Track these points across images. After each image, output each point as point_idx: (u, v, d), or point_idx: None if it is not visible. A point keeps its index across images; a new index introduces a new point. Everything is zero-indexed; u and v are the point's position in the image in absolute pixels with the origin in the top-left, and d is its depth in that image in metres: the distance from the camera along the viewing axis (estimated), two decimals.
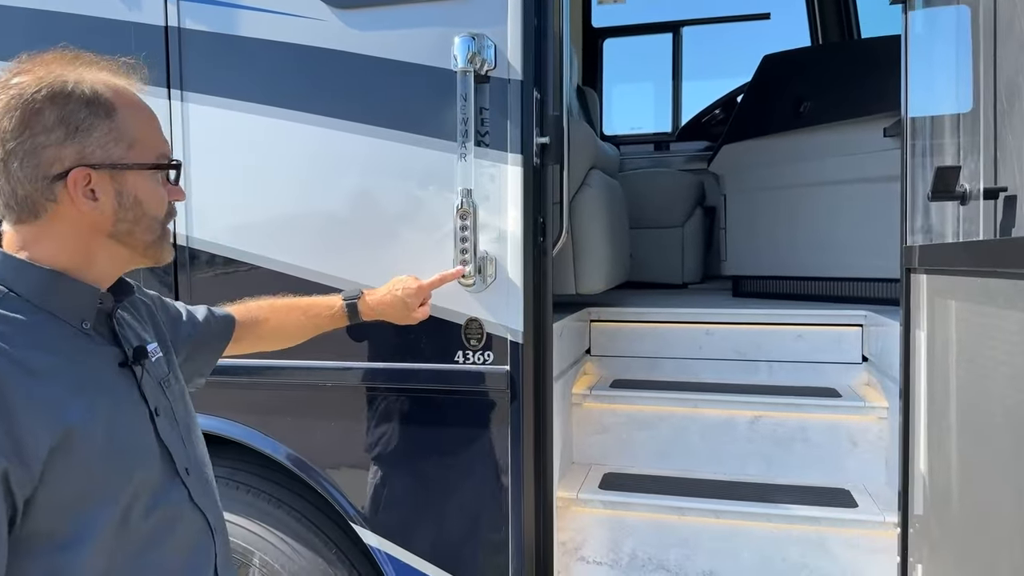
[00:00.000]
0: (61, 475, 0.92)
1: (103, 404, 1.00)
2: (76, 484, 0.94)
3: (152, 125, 1.10)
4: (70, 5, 2.06)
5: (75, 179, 1.00)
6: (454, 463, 1.94)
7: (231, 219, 2.01)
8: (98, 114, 1.01)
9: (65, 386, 0.96)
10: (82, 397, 0.97)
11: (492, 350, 1.87)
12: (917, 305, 1.69)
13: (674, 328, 2.73)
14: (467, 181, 1.78)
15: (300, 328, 1.70)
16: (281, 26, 1.93)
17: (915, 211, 1.71)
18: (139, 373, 1.09)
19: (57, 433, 0.91)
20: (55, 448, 0.91)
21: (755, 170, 3.33)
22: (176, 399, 1.18)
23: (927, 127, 1.69)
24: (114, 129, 1.02)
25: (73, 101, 1.00)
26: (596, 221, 2.72)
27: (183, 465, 1.12)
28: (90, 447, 0.95)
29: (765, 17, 4.83)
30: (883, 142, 2.74)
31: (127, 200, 1.05)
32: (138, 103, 1.09)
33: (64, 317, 1.02)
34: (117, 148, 1.03)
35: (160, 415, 1.10)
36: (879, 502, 2.09)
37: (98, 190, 1.02)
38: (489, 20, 1.79)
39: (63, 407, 0.94)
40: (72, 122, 0.99)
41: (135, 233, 1.07)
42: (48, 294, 1.01)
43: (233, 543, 2.02)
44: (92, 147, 1.01)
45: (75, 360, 1.01)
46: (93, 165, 1.01)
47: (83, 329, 1.04)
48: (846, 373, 2.58)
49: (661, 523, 2.12)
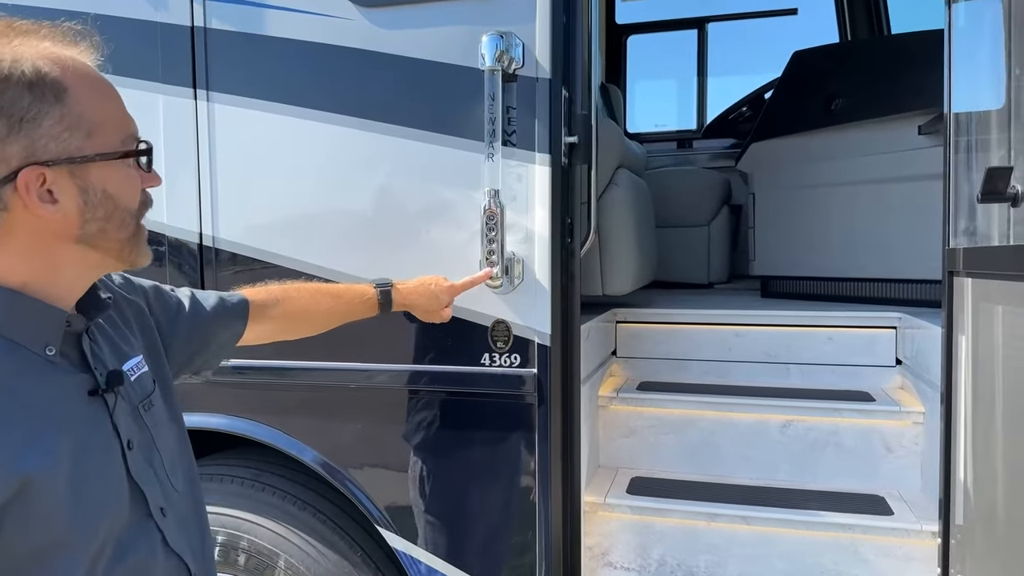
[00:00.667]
0: (16, 532, 0.80)
1: (66, 447, 0.86)
2: (34, 541, 0.82)
3: (113, 101, 0.93)
4: (95, 5, 2.05)
5: (26, 181, 0.83)
6: (480, 466, 1.92)
7: (257, 219, 2.00)
8: (45, 98, 0.83)
9: (21, 431, 0.82)
10: (41, 442, 0.83)
11: (519, 352, 1.84)
12: (960, 309, 1.64)
13: (702, 329, 2.69)
14: (494, 181, 1.75)
15: (329, 313, 1.58)
16: (307, 25, 1.91)
17: (958, 212, 1.65)
18: (112, 402, 0.95)
19: (11, 485, 0.79)
20: (9, 502, 0.79)
21: (785, 168, 3.27)
22: (157, 422, 1.05)
23: (971, 124, 1.64)
24: (67, 115, 0.85)
25: (12, 85, 0.82)
26: (624, 221, 2.68)
27: (158, 505, 0.99)
28: (49, 499, 0.82)
29: (792, 12, 4.75)
30: (918, 140, 2.68)
31: (95, 196, 0.88)
32: (93, 77, 0.90)
33: (25, 343, 0.87)
34: (74, 138, 0.86)
35: (133, 448, 0.96)
36: (915, 510, 2.03)
37: (56, 190, 0.85)
38: (517, 18, 1.76)
39: (18, 456, 0.80)
40: (15, 112, 0.82)
41: (108, 232, 0.91)
42: (3, 318, 0.86)
43: (258, 545, 2.03)
44: (43, 140, 0.84)
45: (34, 397, 0.86)
46: (47, 162, 0.84)
47: (47, 356, 0.88)
48: (880, 376, 2.52)
49: (690, 529, 2.08)
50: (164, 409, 1.09)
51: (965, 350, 1.63)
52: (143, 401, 1.03)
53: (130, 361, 1.04)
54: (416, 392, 1.93)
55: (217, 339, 1.34)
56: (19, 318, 0.87)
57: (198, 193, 2.01)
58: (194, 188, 2.01)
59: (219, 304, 1.34)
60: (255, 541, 2.03)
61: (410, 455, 1.94)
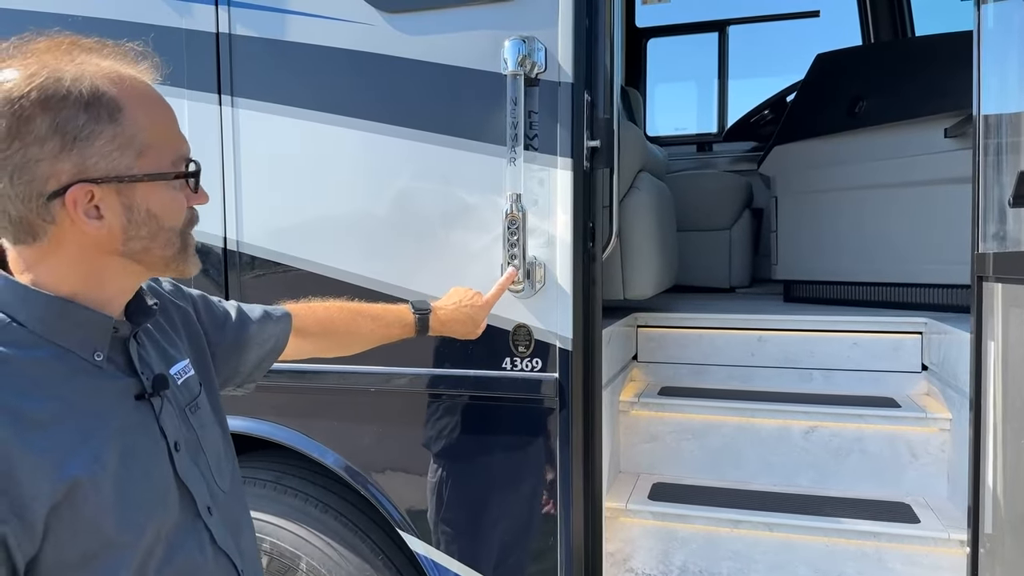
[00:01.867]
0: (66, 534, 0.82)
1: (113, 451, 0.88)
2: (83, 543, 0.84)
3: (167, 123, 0.95)
4: (122, 12, 2.08)
5: (74, 197, 0.85)
6: (501, 471, 1.91)
7: (281, 223, 2.01)
8: (100, 118, 0.86)
9: (69, 435, 0.84)
10: (88, 445, 0.85)
11: (540, 357, 1.84)
12: (989, 314, 1.61)
13: (724, 334, 2.66)
14: (516, 185, 1.75)
15: (368, 335, 1.60)
16: (330, 31, 1.92)
17: (988, 216, 1.63)
18: (158, 406, 0.97)
19: (60, 489, 0.81)
20: (58, 505, 0.81)
21: (808, 172, 3.24)
22: (204, 424, 1.07)
23: (1001, 126, 1.61)
24: (120, 135, 0.87)
25: (69, 104, 0.84)
26: (645, 225, 2.67)
27: (205, 504, 1.01)
28: (97, 501, 0.84)
29: (815, 15, 4.72)
30: (944, 143, 2.65)
31: (138, 215, 0.90)
32: (150, 97, 0.93)
33: (73, 349, 0.90)
34: (124, 157, 0.88)
35: (180, 450, 0.99)
36: (942, 518, 2.00)
37: (103, 207, 0.88)
38: (539, 22, 1.76)
39: (66, 460, 0.82)
40: (69, 130, 0.84)
41: (151, 250, 0.93)
42: (54, 325, 0.88)
43: (280, 547, 2.04)
44: (94, 158, 0.86)
45: (82, 401, 0.88)
46: (96, 180, 0.86)
47: (95, 362, 0.91)
48: (905, 382, 2.49)
49: (713, 535, 2.06)
50: (210, 412, 1.11)
51: (994, 356, 1.61)
52: (190, 404, 1.05)
53: (177, 365, 1.07)
54: (437, 396, 1.93)
55: (260, 350, 1.36)
56: (69, 325, 0.90)
57: (223, 197, 2.03)
58: (219, 192, 2.03)
59: (264, 317, 1.37)
60: (277, 543, 2.04)
61: (431, 459, 1.94)
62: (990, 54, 1.62)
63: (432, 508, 1.95)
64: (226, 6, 1.99)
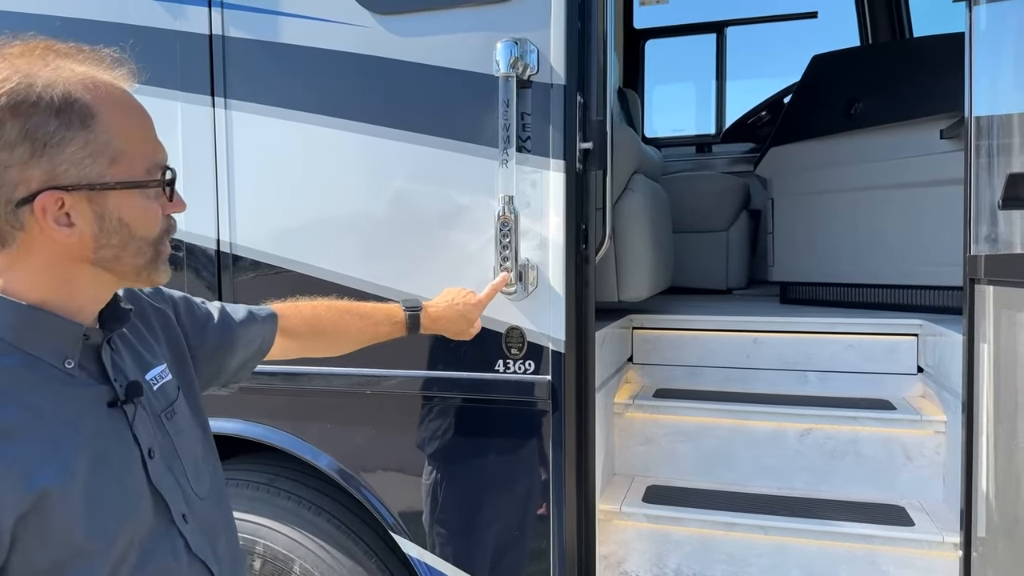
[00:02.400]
0: (34, 543, 0.81)
1: (83, 459, 0.87)
2: (52, 552, 0.83)
3: (142, 130, 0.93)
4: (114, 14, 2.08)
5: (44, 204, 0.84)
6: (495, 474, 1.91)
7: (273, 225, 2.01)
8: (72, 124, 0.84)
9: (37, 444, 0.83)
10: (56, 455, 0.84)
11: (533, 359, 1.83)
12: (982, 317, 1.61)
13: (720, 336, 2.66)
14: (508, 187, 1.75)
15: (357, 334, 1.57)
16: (322, 33, 1.92)
17: (979, 218, 1.62)
18: (131, 413, 0.96)
19: (27, 498, 0.80)
20: (26, 514, 0.80)
21: (804, 173, 3.24)
22: (180, 429, 1.05)
23: (993, 128, 1.61)
24: (92, 142, 0.86)
25: (40, 110, 0.83)
26: (640, 227, 2.66)
27: (180, 511, 1.00)
28: (66, 511, 0.83)
29: (812, 16, 4.72)
30: (940, 144, 2.65)
31: (110, 223, 0.88)
32: (125, 104, 0.91)
33: (43, 357, 0.88)
34: (96, 165, 0.86)
35: (155, 457, 0.97)
36: (937, 520, 2.00)
37: (74, 214, 0.86)
38: (532, 24, 1.76)
39: (33, 470, 0.81)
40: (39, 136, 0.82)
41: (122, 259, 0.92)
42: (24, 334, 0.87)
43: (273, 550, 2.04)
44: (64, 165, 0.84)
45: (52, 409, 0.87)
46: (66, 187, 0.84)
47: (66, 370, 0.90)
48: (900, 384, 2.48)
49: (707, 538, 2.06)
50: (189, 416, 1.10)
51: (987, 358, 1.60)
52: (166, 409, 1.04)
53: (153, 370, 1.05)
54: (430, 398, 1.93)
55: (244, 351, 1.34)
56: (38, 333, 0.88)
57: (216, 199, 2.03)
58: (212, 194, 2.02)
59: (248, 317, 1.35)
60: (270, 546, 2.04)
61: (424, 461, 1.94)
62: (982, 56, 1.62)
63: (425, 511, 1.94)
64: (219, 8, 1.99)
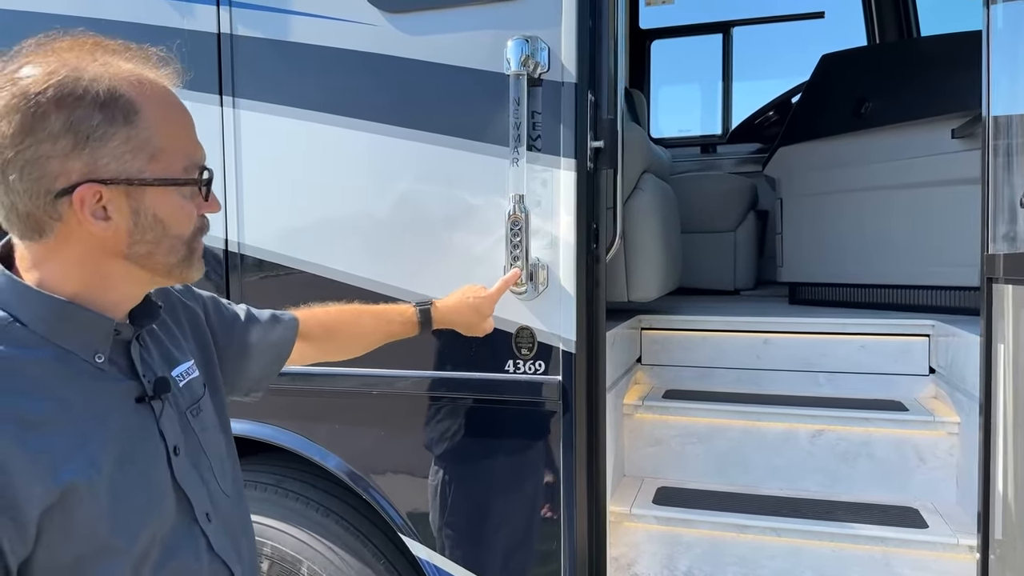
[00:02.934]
0: (59, 536, 0.82)
1: (110, 455, 0.88)
2: (76, 547, 0.83)
3: (183, 128, 0.95)
4: (123, 12, 2.08)
5: (82, 196, 0.85)
6: (504, 475, 1.89)
7: (282, 225, 2.00)
8: (115, 119, 0.86)
9: (65, 438, 0.84)
10: (84, 450, 0.85)
11: (543, 359, 1.82)
12: (999, 316, 1.59)
13: (730, 336, 2.64)
14: (519, 186, 1.73)
15: (371, 334, 1.59)
16: (332, 31, 1.91)
17: (997, 217, 1.60)
18: (159, 409, 0.97)
19: (53, 492, 0.80)
20: (51, 507, 0.80)
21: (813, 173, 3.22)
22: (205, 427, 1.06)
23: (1011, 127, 1.59)
24: (133, 137, 0.87)
25: (85, 104, 0.84)
26: (649, 226, 2.65)
27: (203, 510, 1.00)
28: (91, 506, 0.84)
29: (819, 16, 4.70)
30: (951, 144, 2.63)
31: (145, 219, 0.90)
32: (168, 101, 0.93)
33: (74, 351, 0.89)
34: (136, 160, 0.88)
35: (180, 454, 0.99)
36: (951, 523, 1.98)
37: (111, 208, 0.88)
38: (542, 22, 1.74)
39: (60, 463, 0.82)
40: (82, 129, 0.84)
41: (155, 255, 0.93)
42: (56, 327, 0.88)
43: (281, 551, 2.03)
44: (105, 159, 0.86)
45: (81, 403, 0.88)
46: (105, 180, 0.86)
47: (96, 364, 0.91)
48: (913, 385, 2.46)
49: (718, 540, 2.04)
50: (213, 414, 1.11)
51: (1004, 359, 1.58)
52: (192, 406, 1.05)
53: (180, 366, 1.07)
54: (439, 399, 1.91)
55: (267, 356, 1.35)
56: (70, 327, 0.89)
57: (224, 199, 2.02)
58: (220, 194, 2.01)
59: (272, 321, 1.37)
60: (278, 547, 2.03)
61: (433, 462, 1.93)
62: (999, 54, 1.60)
63: (434, 512, 1.93)
64: (227, 6, 1.98)
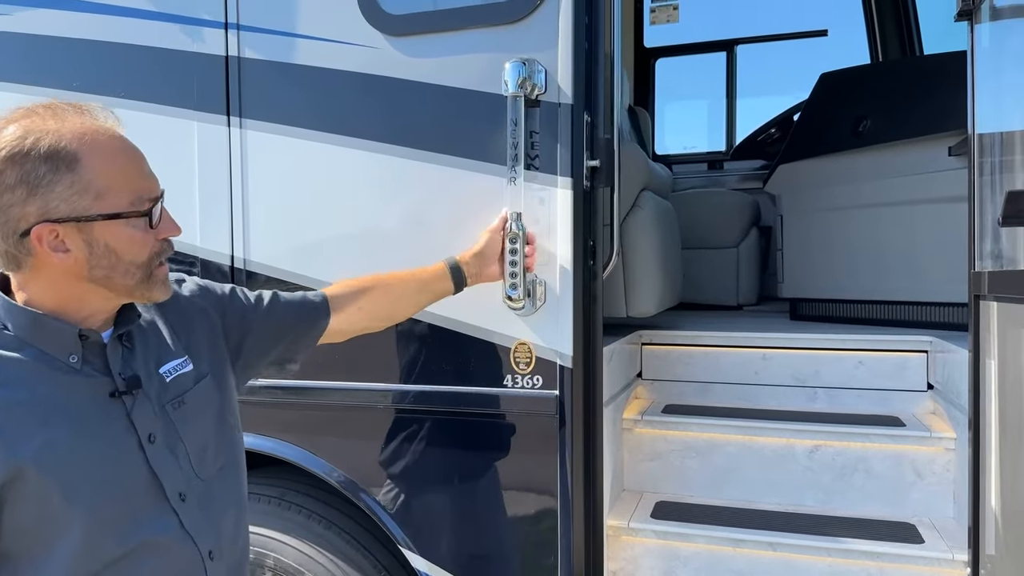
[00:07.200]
0: (16, 504, 0.99)
1: (66, 438, 1.03)
2: (31, 513, 1.00)
3: (128, 169, 1.08)
4: (138, 37, 2.14)
5: (39, 234, 1.01)
6: (503, 489, 1.92)
7: (287, 242, 2.05)
8: (59, 168, 1.00)
9: (28, 421, 1.00)
10: (43, 432, 1.01)
11: (541, 374, 1.85)
12: (987, 333, 1.61)
13: (729, 352, 2.66)
14: (517, 204, 1.77)
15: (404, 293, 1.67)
16: (335, 54, 1.96)
17: (984, 235, 1.63)
18: (129, 403, 1.10)
19: (9, 466, 0.97)
20: (10, 479, 0.97)
21: (813, 190, 3.24)
22: (187, 418, 1.18)
23: (995, 145, 1.62)
24: (77, 182, 1.01)
25: (31, 159, 0.99)
26: (647, 243, 2.68)
27: (177, 490, 1.13)
28: (43, 481, 0.99)
29: (823, 34, 4.74)
30: (948, 161, 2.65)
31: (98, 249, 1.05)
32: (111, 148, 1.06)
33: (51, 353, 1.06)
34: (82, 200, 1.02)
35: (155, 441, 1.11)
36: (947, 538, 1.98)
37: (68, 242, 1.03)
38: (540, 45, 1.79)
39: (18, 442, 0.98)
40: (31, 180, 0.99)
41: (113, 278, 1.08)
42: (32, 332, 1.06)
43: (283, 563, 2.05)
44: (55, 202, 1.00)
45: (51, 394, 1.04)
46: (57, 220, 1.01)
47: (70, 364, 1.07)
48: (910, 401, 2.48)
49: (715, 555, 2.06)
50: (204, 405, 1.23)
51: (993, 375, 1.60)
52: (173, 399, 1.17)
53: (171, 363, 1.20)
54: (438, 413, 1.94)
55: (293, 333, 1.48)
56: (43, 333, 1.07)
57: (230, 216, 2.07)
58: (226, 211, 2.07)
59: (300, 301, 1.51)
60: (280, 559, 2.06)
61: (432, 476, 1.95)
62: (984, 73, 1.63)
63: (433, 525, 1.95)
64: (235, 30, 2.04)
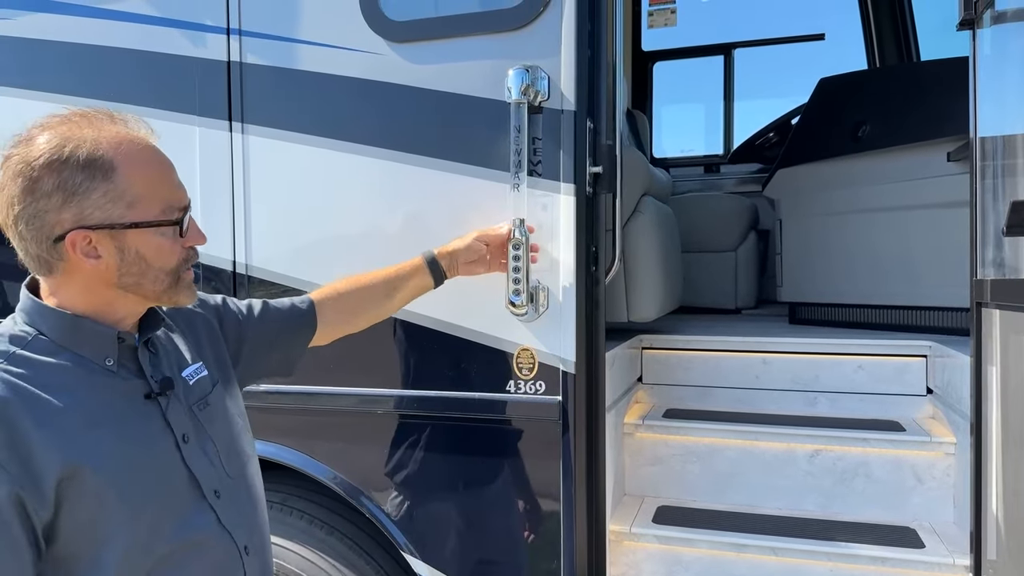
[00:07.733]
0: (74, 502, 1.00)
1: (114, 439, 1.06)
2: (89, 511, 1.02)
3: (160, 179, 1.11)
4: (139, 42, 2.14)
5: (73, 241, 1.04)
6: (505, 494, 1.92)
7: (288, 247, 2.05)
8: (95, 176, 1.03)
9: (76, 423, 1.02)
10: (92, 433, 1.04)
11: (544, 380, 1.85)
12: (989, 340, 1.62)
13: (729, 356, 2.67)
14: (519, 211, 1.78)
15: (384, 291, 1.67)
16: (338, 60, 1.97)
17: (986, 242, 1.64)
18: (164, 404, 1.14)
19: (65, 466, 0.99)
20: (64, 479, 0.99)
21: (812, 195, 3.25)
22: (212, 419, 1.22)
23: (997, 151, 1.63)
24: (112, 190, 1.05)
25: (69, 167, 1.02)
26: (649, 248, 2.69)
27: (212, 487, 1.17)
28: (99, 479, 1.02)
29: (820, 38, 4.76)
30: (947, 167, 2.66)
31: (129, 256, 1.08)
32: (144, 158, 1.09)
33: (88, 356, 1.08)
34: (116, 208, 1.05)
35: (189, 441, 1.16)
36: (947, 543, 1.99)
37: (100, 248, 1.06)
38: (543, 52, 1.80)
39: (71, 443, 1.01)
40: (68, 187, 1.02)
41: (143, 284, 1.11)
42: (68, 337, 1.08)
43: (286, 568, 2.05)
44: (90, 209, 1.04)
45: (93, 397, 1.07)
46: (91, 227, 1.04)
47: (107, 367, 1.10)
48: (910, 406, 2.49)
49: (717, 559, 2.06)
50: (223, 407, 1.27)
51: (995, 381, 1.61)
52: (199, 401, 1.21)
53: (189, 368, 1.24)
54: (441, 418, 1.95)
55: (286, 338, 1.52)
56: (80, 336, 1.09)
57: (232, 221, 2.07)
58: (228, 216, 2.07)
59: (290, 307, 1.54)
60: (283, 565, 2.05)
61: (434, 481, 1.96)
62: (986, 79, 1.64)
63: (435, 530, 1.96)
64: (237, 36, 2.04)
